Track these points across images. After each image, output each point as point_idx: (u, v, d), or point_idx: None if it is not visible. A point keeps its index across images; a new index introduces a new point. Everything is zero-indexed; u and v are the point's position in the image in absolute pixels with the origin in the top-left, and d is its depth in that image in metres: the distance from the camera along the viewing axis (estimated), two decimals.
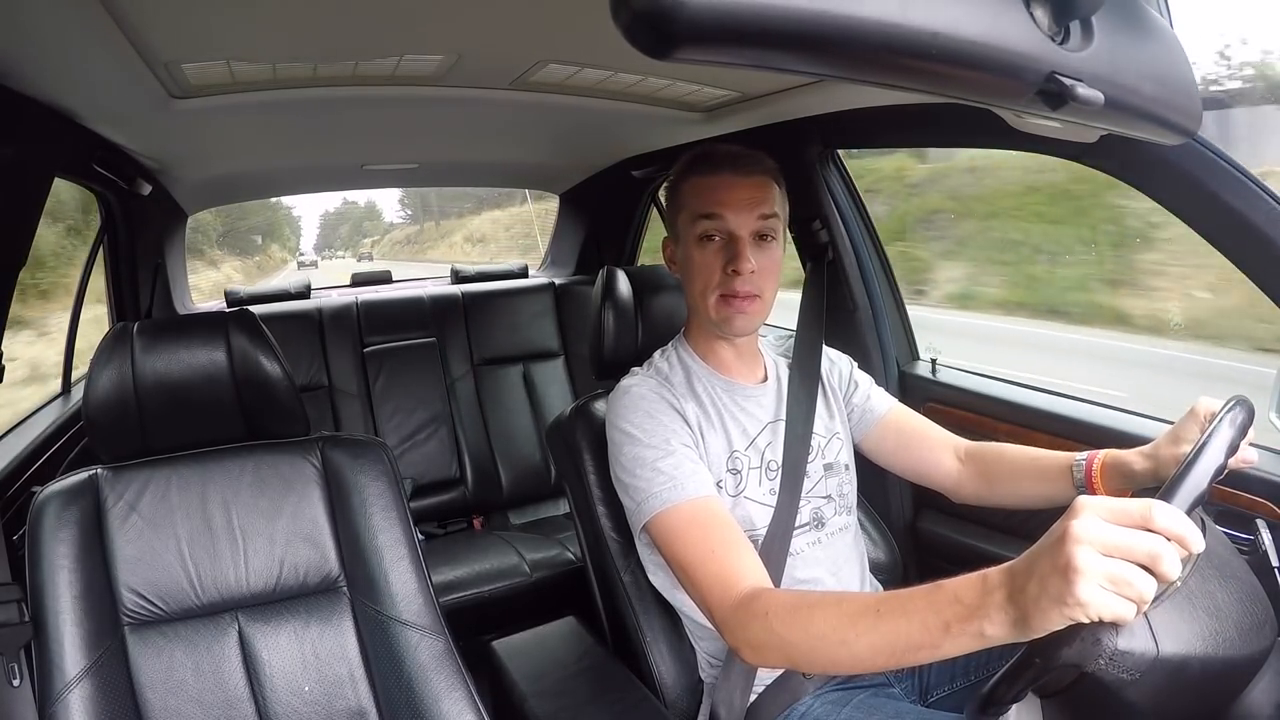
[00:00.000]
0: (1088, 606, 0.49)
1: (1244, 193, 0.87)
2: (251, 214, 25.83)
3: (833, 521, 1.01)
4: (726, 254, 0.92)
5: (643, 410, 0.92)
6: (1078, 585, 0.48)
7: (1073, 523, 0.50)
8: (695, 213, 0.94)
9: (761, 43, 0.38)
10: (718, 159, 0.95)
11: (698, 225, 0.93)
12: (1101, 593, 0.48)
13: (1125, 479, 0.86)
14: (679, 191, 0.98)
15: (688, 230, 0.95)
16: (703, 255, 0.94)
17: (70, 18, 0.80)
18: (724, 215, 0.92)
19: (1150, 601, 0.49)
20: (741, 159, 0.94)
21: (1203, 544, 0.50)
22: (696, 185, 0.95)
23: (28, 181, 1.05)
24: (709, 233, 0.93)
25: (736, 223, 0.92)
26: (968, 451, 1.05)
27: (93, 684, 0.84)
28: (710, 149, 0.97)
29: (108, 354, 0.94)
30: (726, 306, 0.94)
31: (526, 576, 1.71)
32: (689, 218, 0.95)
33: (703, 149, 0.98)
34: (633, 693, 0.98)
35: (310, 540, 0.99)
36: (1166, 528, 0.49)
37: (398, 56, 1.08)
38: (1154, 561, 0.48)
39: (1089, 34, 0.50)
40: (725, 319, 0.94)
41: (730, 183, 0.93)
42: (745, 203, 0.93)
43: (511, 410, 2.19)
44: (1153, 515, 0.49)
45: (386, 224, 41.19)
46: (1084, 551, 0.49)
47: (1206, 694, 0.63)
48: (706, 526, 0.84)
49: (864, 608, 0.65)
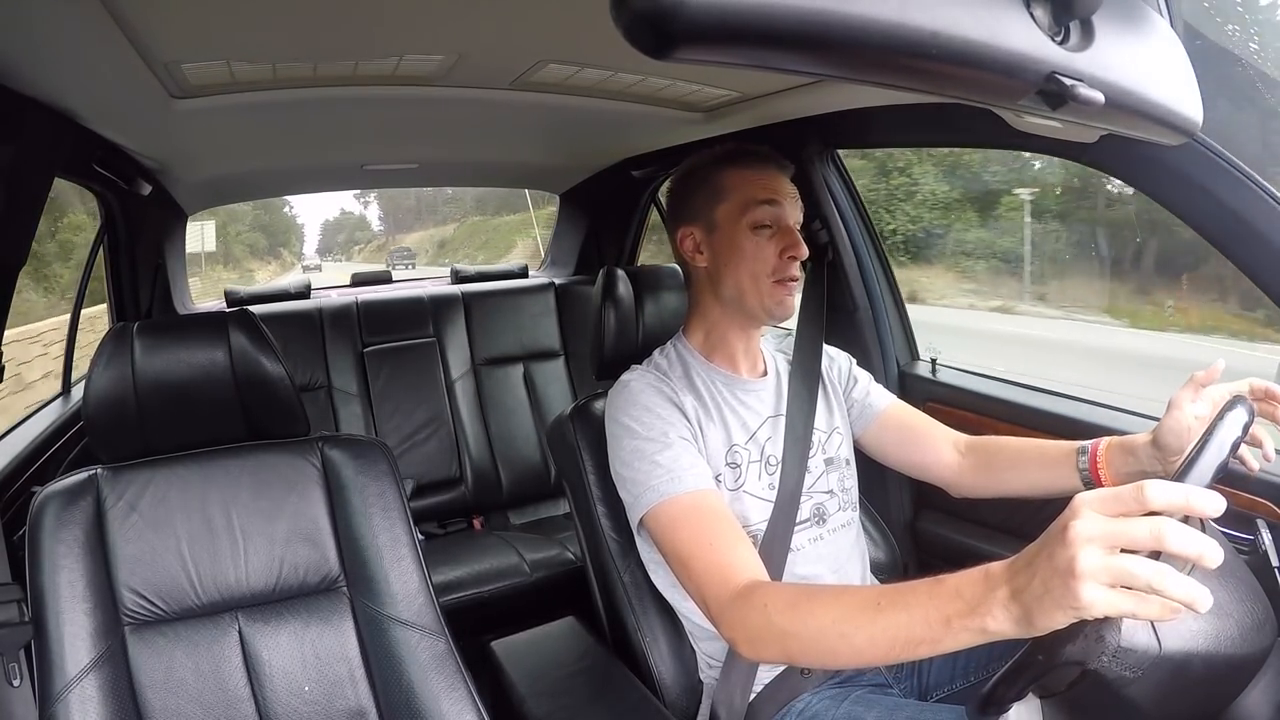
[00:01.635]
0: (1091, 608, 0.48)
1: (1244, 193, 0.87)
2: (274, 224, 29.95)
3: (835, 518, 1.01)
4: (781, 241, 0.96)
5: (641, 404, 0.92)
6: (1080, 588, 0.48)
7: (1072, 523, 0.49)
8: (750, 200, 0.96)
9: (761, 43, 0.38)
10: (762, 154, 0.99)
11: (755, 212, 0.96)
12: (1105, 592, 0.47)
13: (1129, 456, 0.85)
14: (719, 182, 0.98)
15: (736, 218, 0.96)
16: (757, 242, 0.96)
17: (70, 18, 0.80)
18: (781, 203, 0.96)
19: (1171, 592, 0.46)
20: (781, 160, 1.00)
21: (1213, 507, 0.48)
22: (745, 176, 0.97)
23: (28, 181, 1.05)
24: (765, 221, 0.96)
25: (789, 213, 0.97)
26: (968, 444, 1.05)
27: (93, 684, 0.84)
28: (743, 145, 1.01)
29: (108, 354, 0.94)
30: (781, 289, 0.96)
31: (526, 576, 1.71)
32: (737, 206, 0.96)
33: (735, 144, 1.01)
34: (633, 693, 0.98)
35: (310, 540, 0.99)
36: (1164, 502, 0.47)
37: (398, 56, 1.08)
38: (1159, 542, 0.47)
39: (1089, 34, 0.50)
40: (779, 302, 0.97)
41: (779, 177, 0.98)
42: (791, 196, 0.98)
43: (512, 410, 2.19)
44: (1146, 495, 0.48)
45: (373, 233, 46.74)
46: (1085, 551, 0.48)
47: (1207, 693, 0.63)
48: (704, 519, 0.84)
49: (864, 601, 0.65)
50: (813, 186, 1.47)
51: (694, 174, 1.01)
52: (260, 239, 30.32)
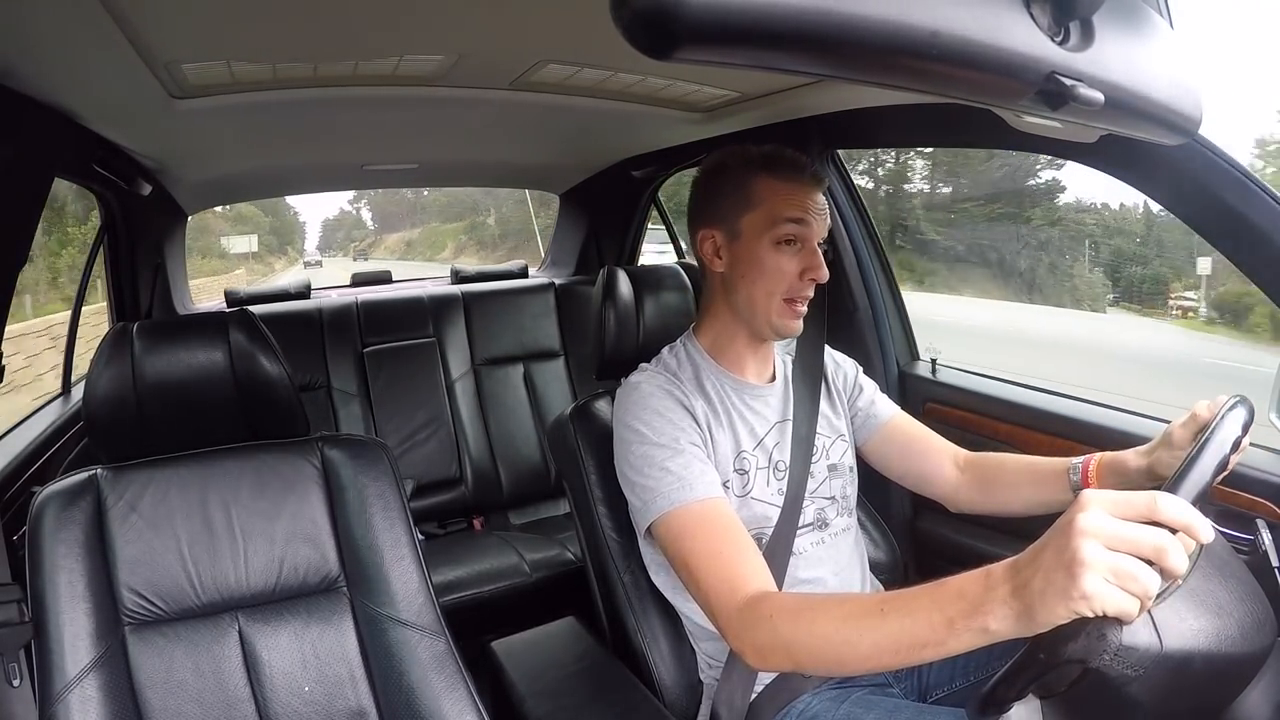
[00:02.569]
0: (1093, 600, 0.48)
1: (1244, 193, 0.87)
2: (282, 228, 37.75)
3: (836, 522, 1.01)
4: (804, 261, 0.93)
5: (652, 408, 0.92)
6: (1083, 578, 0.48)
7: (1079, 515, 0.50)
8: (778, 215, 0.92)
9: (762, 43, 0.38)
10: (798, 163, 0.94)
11: (781, 228, 0.92)
12: (1106, 586, 0.48)
13: (1120, 479, 0.86)
14: (746, 187, 0.94)
15: (761, 230, 0.93)
16: (779, 259, 0.93)
17: (70, 18, 0.80)
18: (809, 222, 0.93)
19: (1155, 598, 0.49)
20: (815, 170, 0.95)
21: (1210, 534, 0.49)
22: (777, 187, 0.93)
23: (28, 181, 1.05)
24: (791, 237, 0.92)
25: (817, 231, 0.94)
26: (967, 460, 1.05)
27: (93, 684, 0.84)
28: (781, 151, 0.95)
29: (108, 354, 0.94)
30: (790, 310, 0.94)
31: (526, 576, 1.71)
32: (766, 218, 0.93)
33: (771, 148, 0.96)
34: (633, 693, 0.98)
35: (310, 540, 0.99)
36: (1173, 518, 0.49)
37: (398, 56, 1.08)
38: (1159, 555, 0.48)
39: (1089, 34, 0.50)
40: (786, 324, 0.95)
41: (811, 191, 0.94)
42: (820, 213, 0.94)
43: (512, 410, 2.19)
44: (1158, 506, 0.49)
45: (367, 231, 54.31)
46: (1089, 544, 0.48)
47: (1208, 692, 0.63)
48: (713, 528, 0.83)
49: (868, 607, 0.65)
50: None
51: (723, 173, 0.97)
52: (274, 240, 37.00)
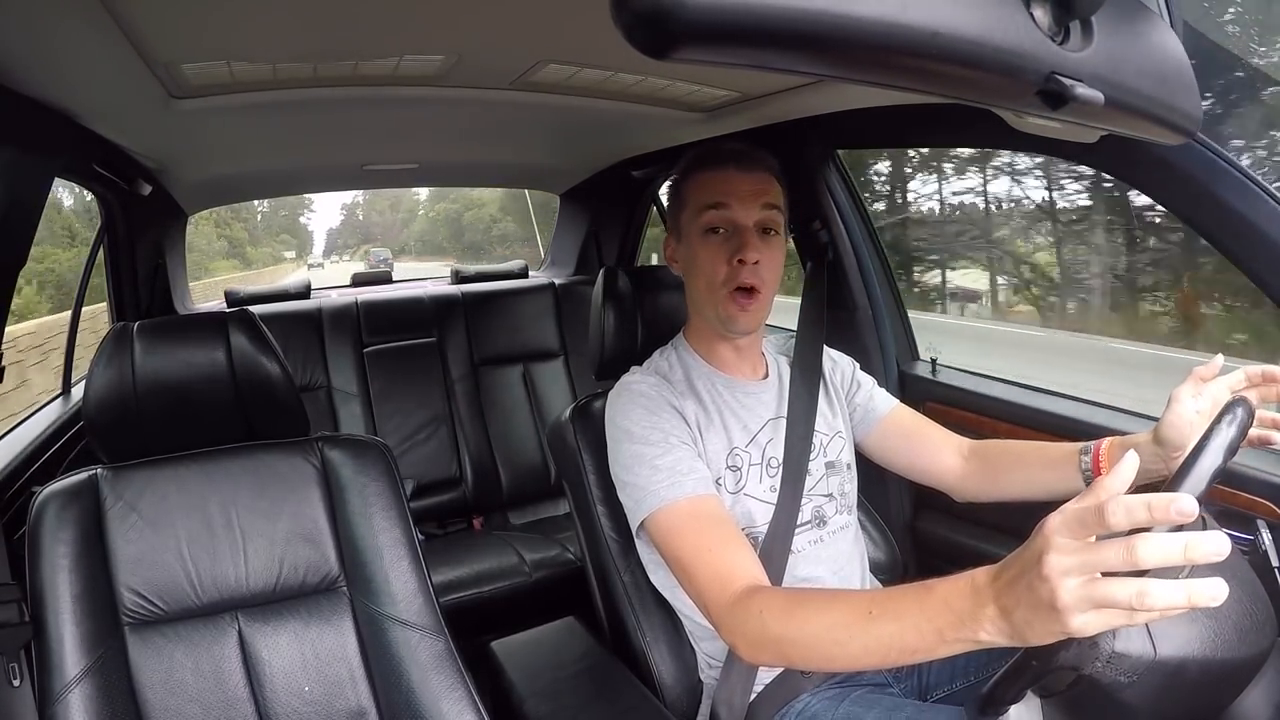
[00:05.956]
0: (1084, 631, 0.48)
1: (1244, 193, 0.87)
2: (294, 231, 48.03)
3: (834, 520, 1.01)
4: (732, 246, 0.92)
5: (641, 408, 0.92)
6: (1067, 620, 0.48)
7: (1046, 557, 0.49)
8: (701, 204, 0.94)
9: (761, 43, 0.38)
10: (722, 155, 0.95)
11: (703, 217, 0.93)
12: (1094, 615, 0.48)
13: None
14: (683, 188, 0.98)
15: (692, 225, 0.95)
16: (707, 248, 0.93)
17: (70, 18, 0.80)
18: (729, 205, 0.93)
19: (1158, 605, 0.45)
20: (744, 155, 0.95)
21: (1183, 510, 0.44)
22: (701, 180, 0.95)
23: (28, 182, 1.05)
24: (714, 224, 0.93)
25: (742, 213, 0.93)
26: (971, 448, 1.05)
27: (93, 684, 0.84)
28: (714, 146, 0.98)
29: (108, 354, 0.94)
30: (731, 303, 0.93)
31: (526, 576, 1.71)
32: (693, 212, 0.95)
33: (707, 146, 0.99)
34: (632, 693, 0.98)
35: (310, 540, 0.99)
36: (1124, 522, 0.46)
37: (398, 56, 1.08)
38: (1134, 563, 0.46)
39: (1089, 34, 0.50)
40: (730, 317, 0.94)
41: (735, 176, 0.94)
42: (749, 194, 0.93)
43: (511, 410, 2.19)
44: (1104, 517, 0.46)
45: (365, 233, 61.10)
46: (1064, 587, 0.48)
47: (1205, 696, 0.63)
48: (704, 524, 0.84)
49: (857, 609, 0.64)
50: (813, 186, 1.47)
51: (674, 182, 1.01)
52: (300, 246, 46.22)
